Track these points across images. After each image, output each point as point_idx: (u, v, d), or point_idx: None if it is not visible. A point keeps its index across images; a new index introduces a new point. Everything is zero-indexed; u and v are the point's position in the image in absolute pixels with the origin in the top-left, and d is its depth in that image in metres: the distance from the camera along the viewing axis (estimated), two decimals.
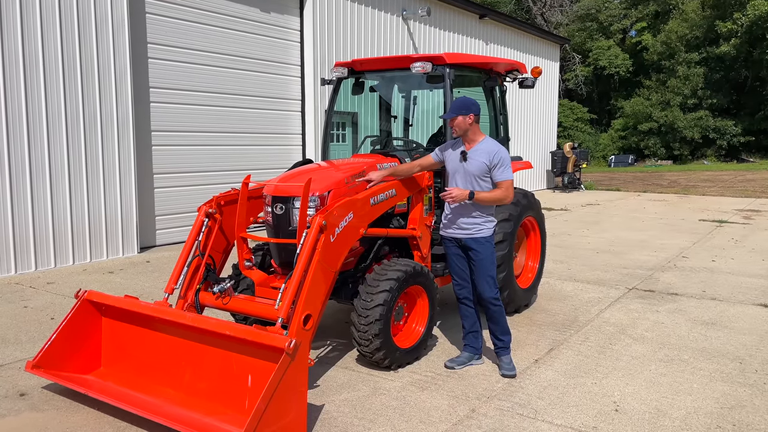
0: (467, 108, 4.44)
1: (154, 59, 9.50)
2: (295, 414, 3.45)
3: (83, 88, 8.33)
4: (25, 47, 7.71)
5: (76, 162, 8.32)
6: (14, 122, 7.67)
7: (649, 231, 11.66)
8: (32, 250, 7.89)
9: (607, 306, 6.48)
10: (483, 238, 4.52)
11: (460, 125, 4.46)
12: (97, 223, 8.59)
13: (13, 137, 7.67)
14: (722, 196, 18.49)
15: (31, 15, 7.73)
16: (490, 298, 4.53)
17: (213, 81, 10.36)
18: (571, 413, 3.95)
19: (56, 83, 8.03)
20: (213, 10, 10.26)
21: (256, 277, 4.68)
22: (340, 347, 5.09)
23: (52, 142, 8.05)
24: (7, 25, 7.54)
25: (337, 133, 11.06)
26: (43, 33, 7.87)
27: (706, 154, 35.70)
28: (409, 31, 14.43)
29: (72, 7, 8.15)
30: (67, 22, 8.10)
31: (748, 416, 3.95)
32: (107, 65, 8.58)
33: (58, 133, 8.10)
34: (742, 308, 6.44)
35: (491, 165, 4.41)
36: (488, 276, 4.53)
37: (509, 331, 4.68)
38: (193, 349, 3.89)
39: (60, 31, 8.04)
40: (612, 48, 39.55)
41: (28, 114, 7.78)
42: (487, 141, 4.54)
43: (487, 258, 4.53)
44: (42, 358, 4.09)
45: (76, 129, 8.29)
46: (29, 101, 7.79)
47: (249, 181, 4.67)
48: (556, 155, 20.94)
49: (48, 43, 7.92)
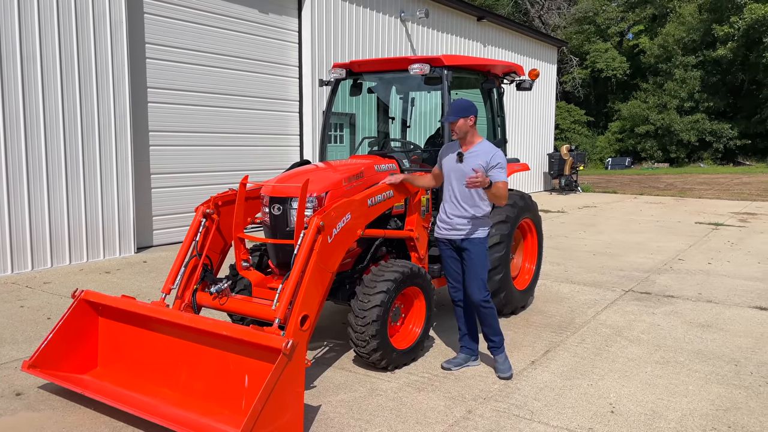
0: (467, 110, 4.44)
1: (152, 59, 9.50)
2: (292, 414, 3.45)
3: (81, 88, 8.32)
4: (23, 47, 7.70)
5: (74, 162, 8.31)
6: (11, 122, 7.66)
7: (646, 233, 11.69)
8: (29, 249, 7.88)
9: (603, 308, 6.50)
10: (477, 239, 4.52)
11: (461, 128, 4.45)
12: (94, 223, 8.58)
13: (10, 137, 7.66)
14: (718, 199, 18.53)
15: (29, 15, 7.73)
16: (479, 300, 4.50)
17: (211, 81, 10.36)
18: (567, 414, 3.96)
19: (54, 83, 8.02)
20: (211, 10, 10.26)
21: (254, 277, 4.68)
22: (337, 348, 5.10)
23: (50, 141, 8.04)
24: (5, 25, 7.53)
25: (335, 134, 11.07)
26: (41, 33, 7.86)
27: (702, 157, 35.79)
28: (407, 32, 14.45)
29: (70, 7, 8.14)
30: (65, 23, 8.09)
31: (743, 418, 3.96)
32: (105, 65, 8.58)
33: (55, 132, 8.09)
34: (738, 311, 6.46)
35: (488, 167, 4.39)
36: (478, 278, 4.50)
37: (500, 332, 4.65)
38: (190, 350, 3.89)
39: (58, 31, 8.03)
40: (609, 51, 39.63)
41: (25, 113, 7.77)
42: (484, 143, 4.55)
43: (479, 260, 4.51)
44: (38, 358, 4.08)
45: (73, 129, 8.28)
46: (26, 100, 7.77)
47: (246, 182, 4.67)
48: (553, 157, 20.97)
49: (46, 42, 7.91)
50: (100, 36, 8.50)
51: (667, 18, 39.31)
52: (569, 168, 20.51)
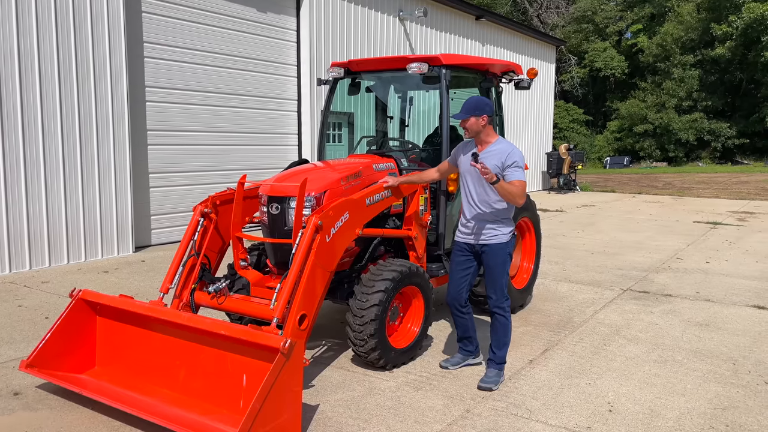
0: (480, 109, 4.27)
1: (150, 58, 9.48)
2: (290, 414, 3.45)
3: (79, 87, 8.31)
4: (21, 45, 7.68)
5: (71, 161, 8.29)
6: (9, 120, 7.65)
7: (644, 232, 11.70)
8: (27, 249, 7.87)
9: (601, 307, 6.50)
10: (497, 245, 4.36)
11: (472, 126, 4.30)
12: (92, 222, 8.57)
13: (8, 135, 7.65)
14: (716, 198, 18.56)
15: (26, 13, 7.71)
16: (495, 305, 4.39)
17: (209, 80, 10.35)
18: (566, 413, 3.97)
19: (52, 81, 8.01)
20: (209, 9, 10.25)
21: (252, 276, 4.68)
22: (336, 347, 5.10)
23: (48, 140, 8.02)
24: (2, 23, 7.52)
25: (333, 133, 11.05)
26: (39, 31, 7.84)
27: (700, 156, 35.84)
28: (406, 31, 14.44)
29: (68, 5, 8.13)
30: (63, 21, 8.08)
31: (741, 417, 3.97)
32: (103, 64, 8.56)
33: (53, 131, 8.07)
34: (736, 309, 6.47)
35: (503, 166, 4.23)
36: (497, 284, 4.37)
37: (504, 348, 4.44)
38: (188, 349, 3.89)
39: (56, 30, 8.01)
40: (608, 50, 39.66)
41: (23, 112, 7.76)
42: (501, 142, 4.38)
43: (498, 266, 4.36)
44: (36, 358, 4.07)
45: (71, 127, 8.27)
46: (24, 99, 7.76)
47: (245, 181, 4.67)
48: (551, 157, 20.98)
49: (44, 41, 7.89)
50: (98, 34, 8.48)
51: (665, 17, 39.34)
52: (568, 167, 20.52)
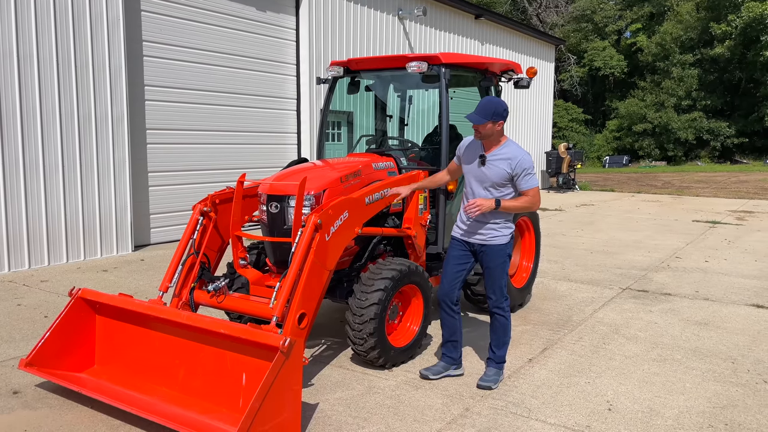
0: (500, 114, 4.10)
1: (150, 57, 9.47)
2: (290, 412, 3.45)
3: (78, 86, 8.30)
4: (20, 44, 7.67)
5: (71, 160, 8.29)
6: (8, 119, 7.64)
7: (643, 231, 11.71)
8: (26, 247, 7.86)
9: (600, 306, 6.51)
10: (496, 246, 4.29)
11: (487, 131, 4.15)
12: (91, 221, 8.56)
13: (6, 134, 7.64)
14: (716, 197, 18.57)
15: (25, 12, 7.70)
16: (494, 305, 4.36)
17: (208, 79, 10.34)
18: (565, 412, 3.97)
19: (51, 80, 8.00)
20: (209, 8, 10.24)
21: (251, 275, 4.68)
22: (335, 346, 5.10)
23: (47, 139, 8.01)
24: (1, 22, 7.50)
25: (333, 132, 11.05)
26: (38, 30, 7.83)
27: (699, 155, 35.85)
28: (405, 30, 14.43)
29: (67, 5, 8.11)
30: (61, 19, 8.06)
31: (740, 415, 3.97)
32: (102, 62, 8.55)
33: (52, 130, 8.06)
34: (735, 308, 6.47)
35: (514, 173, 4.13)
36: (497, 285, 4.34)
37: (504, 347, 4.42)
38: (188, 348, 3.88)
39: (55, 28, 8.00)
40: (607, 49, 39.67)
41: (22, 111, 7.75)
42: (509, 145, 4.24)
43: (498, 267, 4.32)
44: (35, 356, 4.07)
45: (70, 126, 8.25)
46: (23, 98, 7.75)
47: (244, 180, 4.67)
48: (550, 156, 20.99)
49: (42, 39, 7.88)
50: (97, 33, 8.47)
51: (664, 16, 39.35)
52: (567, 166, 20.52)
